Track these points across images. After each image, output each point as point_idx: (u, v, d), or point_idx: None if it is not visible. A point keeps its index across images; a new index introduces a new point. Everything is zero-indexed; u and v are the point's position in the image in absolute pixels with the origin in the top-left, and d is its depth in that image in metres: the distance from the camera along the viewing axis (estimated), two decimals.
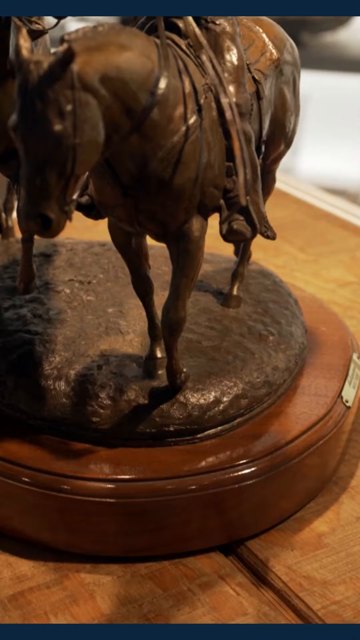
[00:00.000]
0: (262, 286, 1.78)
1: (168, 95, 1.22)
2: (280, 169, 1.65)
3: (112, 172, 1.26)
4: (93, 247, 1.90)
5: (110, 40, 1.15)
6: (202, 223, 1.33)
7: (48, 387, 1.47)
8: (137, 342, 1.57)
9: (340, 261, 2.24)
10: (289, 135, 1.55)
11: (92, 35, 1.14)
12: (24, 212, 1.12)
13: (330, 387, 1.59)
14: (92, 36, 1.14)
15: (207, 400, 1.45)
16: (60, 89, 1.06)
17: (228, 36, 1.34)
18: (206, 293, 1.72)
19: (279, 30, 1.50)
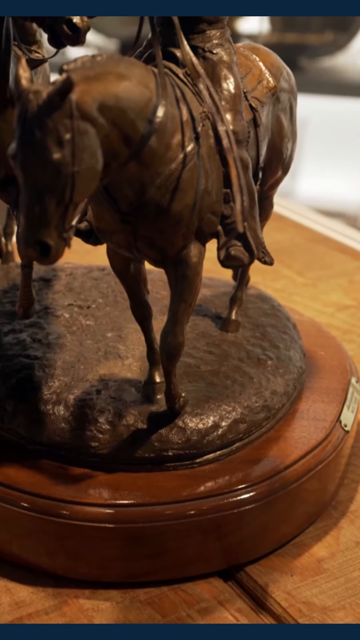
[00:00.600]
0: (261, 310, 1.79)
1: (166, 123, 1.23)
2: (280, 193, 1.66)
3: (110, 199, 1.27)
4: (92, 271, 1.91)
5: (109, 69, 1.17)
6: (200, 249, 1.34)
7: (47, 412, 1.47)
8: (136, 366, 1.57)
9: (339, 285, 2.24)
10: (286, 161, 1.57)
11: (91, 65, 1.15)
12: (23, 239, 1.13)
13: (329, 412, 1.60)
14: (90, 66, 1.15)
15: (206, 424, 1.46)
16: (59, 118, 1.08)
17: (225, 65, 1.36)
18: (205, 317, 1.73)
19: (275, 59, 1.52)
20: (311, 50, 3.90)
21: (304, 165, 4.05)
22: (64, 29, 1.27)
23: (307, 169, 4.06)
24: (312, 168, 4.07)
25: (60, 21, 1.27)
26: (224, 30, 1.38)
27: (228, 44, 1.38)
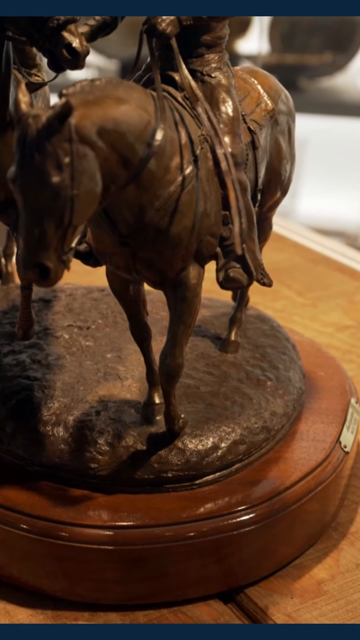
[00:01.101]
0: (260, 331, 1.79)
1: (164, 146, 1.24)
2: (280, 213, 1.67)
3: (109, 221, 1.28)
4: (92, 292, 1.92)
5: (108, 93, 1.18)
6: (199, 271, 1.34)
7: (47, 433, 1.47)
8: (135, 387, 1.57)
9: (339, 305, 2.25)
10: (284, 183, 1.58)
11: (90, 89, 1.16)
12: (23, 262, 1.13)
13: (329, 432, 1.60)
14: (89, 90, 1.16)
15: (205, 446, 1.46)
16: (58, 142, 1.08)
17: (223, 88, 1.37)
18: (204, 338, 1.74)
19: (273, 82, 1.53)
20: (310, 71, 3.92)
21: (303, 185, 4.06)
22: (64, 53, 1.28)
23: (307, 188, 4.08)
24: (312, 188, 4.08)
25: (60, 45, 1.28)
26: (222, 54, 1.39)
27: (226, 67, 1.39)
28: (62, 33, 1.27)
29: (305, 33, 3.93)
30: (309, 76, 3.91)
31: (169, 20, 1.29)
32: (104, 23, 1.38)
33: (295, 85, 3.86)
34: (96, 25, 1.37)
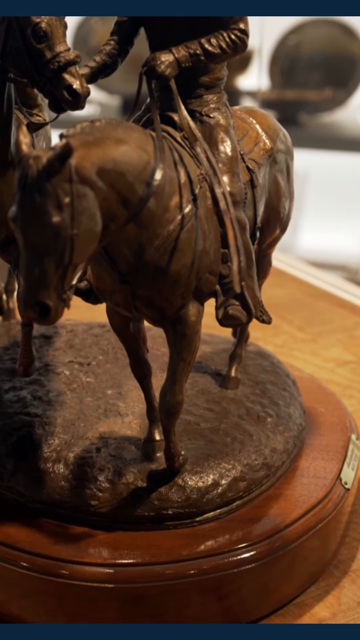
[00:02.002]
0: (260, 367, 1.79)
1: (164, 185, 1.25)
2: (280, 248, 1.68)
3: (109, 260, 1.29)
4: (93, 328, 1.92)
5: (107, 134, 1.19)
6: (199, 308, 1.35)
7: (47, 470, 1.47)
8: (135, 424, 1.57)
9: (339, 340, 2.26)
10: (284, 221, 1.59)
11: (90, 131, 1.18)
12: (23, 300, 1.14)
13: (329, 469, 1.59)
14: (89, 131, 1.18)
15: (206, 483, 1.46)
16: (59, 182, 1.10)
17: (222, 129, 1.38)
18: (205, 374, 1.74)
19: (272, 121, 1.55)
20: (311, 107, 3.96)
21: (305, 219, 4.08)
22: (64, 95, 1.30)
23: (308, 222, 4.10)
24: (313, 222, 4.11)
25: (60, 87, 1.30)
26: (220, 95, 1.41)
27: (225, 108, 1.41)
28: (63, 75, 1.29)
29: (305, 69, 3.98)
30: (309, 112, 3.95)
31: (168, 62, 1.31)
32: (104, 65, 1.40)
33: (296, 121, 3.90)
34: (96, 66, 1.39)
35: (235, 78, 3.85)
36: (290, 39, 3.96)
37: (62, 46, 1.31)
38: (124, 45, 1.41)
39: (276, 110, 3.91)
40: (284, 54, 3.98)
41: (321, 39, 3.92)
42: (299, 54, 3.98)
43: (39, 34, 1.29)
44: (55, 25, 1.30)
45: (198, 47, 1.32)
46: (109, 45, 1.41)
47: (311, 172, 4.06)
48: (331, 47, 3.91)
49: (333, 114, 3.93)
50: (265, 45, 3.88)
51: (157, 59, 1.30)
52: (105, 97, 3.95)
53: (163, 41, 1.34)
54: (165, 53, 1.31)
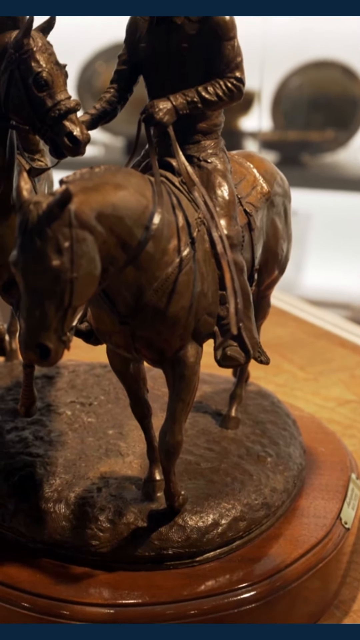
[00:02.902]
0: (261, 407, 1.81)
1: (162, 229, 1.28)
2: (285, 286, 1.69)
3: (109, 302, 1.31)
4: (95, 368, 1.94)
5: (106, 180, 1.22)
6: (197, 349, 1.37)
7: (48, 510, 1.48)
8: (136, 464, 1.58)
9: (340, 379, 2.27)
10: (282, 262, 1.61)
11: (89, 177, 1.21)
12: (24, 342, 1.16)
13: (329, 509, 1.60)
14: (89, 177, 1.20)
15: (206, 523, 1.46)
16: (58, 227, 1.12)
17: (219, 173, 1.41)
18: (205, 414, 1.75)
19: (269, 165, 1.57)
20: (313, 147, 3.99)
21: (308, 258, 4.11)
22: (65, 141, 1.33)
23: (312, 261, 4.13)
24: (316, 261, 4.13)
25: (61, 134, 1.33)
26: (218, 140, 1.44)
27: (222, 153, 1.44)
28: (64, 122, 1.32)
29: (307, 111, 4.02)
30: (312, 152, 3.98)
31: (166, 109, 1.34)
32: (104, 112, 1.43)
33: (299, 161, 3.93)
34: (97, 114, 1.43)
35: (238, 119, 3.89)
36: (292, 81, 4.01)
37: (62, 94, 1.34)
38: (124, 92, 1.44)
39: (279, 151, 3.95)
40: (286, 95, 4.03)
41: (323, 81, 3.96)
42: (301, 96, 4.02)
43: (40, 83, 1.32)
44: (56, 74, 1.34)
45: (195, 94, 1.36)
46: (109, 92, 1.44)
47: (314, 212, 4.09)
48: (333, 89, 3.96)
49: (335, 155, 3.97)
50: (268, 87, 3.93)
51: (156, 107, 1.33)
52: (109, 138, 4.00)
53: (161, 89, 1.38)
54: (163, 101, 1.34)
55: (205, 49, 1.36)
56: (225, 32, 1.35)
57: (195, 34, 1.36)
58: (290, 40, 3.82)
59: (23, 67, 1.33)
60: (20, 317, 1.19)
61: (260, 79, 3.56)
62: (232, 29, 1.36)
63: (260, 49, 3.43)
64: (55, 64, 1.34)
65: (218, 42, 1.36)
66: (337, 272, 4.08)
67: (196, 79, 1.37)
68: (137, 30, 1.41)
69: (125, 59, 1.44)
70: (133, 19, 1.42)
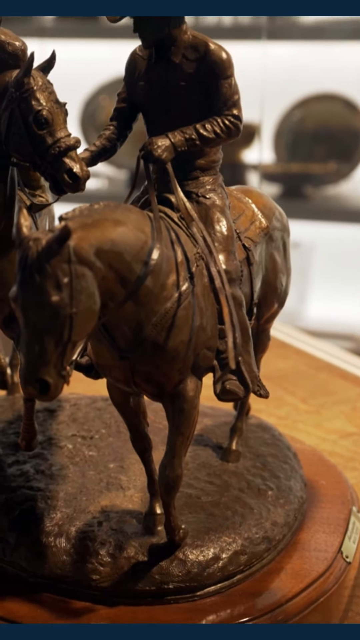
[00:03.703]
0: (261, 440, 1.81)
1: (161, 264, 1.29)
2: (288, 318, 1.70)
3: (108, 336, 1.32)
4: (96, 402, 1.95)
5: (105, 216, 1.23)
6: (197, 383, 1.38)
7: (49, 545, 1.48)
8: (137, 497, 1.58)
9: (342, 412, 2.27)
10: (281, 296, 1.62)
11: (89, 213, 1.22)
12: (24, 377, 1.17)
13: (330, 542, 1.59)
14: (88, 214, 1.22)
15: (206, 557, 1.46)
16: (58, 263, 1.13)
17: (218, 209, 1.43)
18: (206, 447, 1.75)
19: (267, 200, 1.59)
20: (315, 179, 4.01)
21: (311, 289, 4.13)
22: (65, 178, 1.34)
23: (315, 293, 4.14)
24: (320, 292, 4.15)
25: (61, 171, 1.34)
26: (216, 176, 1.45)
27: (220, 189, 1.45)
28: (64, 159, 1.34)
29: (309, 143, 4.05)
30: (314, 184, 4.01)
31: (164, 146, 1.35)
32: (104, 149, 1.45)
33: (301, 193, 3.95)
34: (96, 150, 1.45)
35: (241, 152, 3.92)
36: (295, 114, 4.04)
37: (62, 132, 1.36)
38: (123, 130, 1.47)
39: (281, 183, 3.97)
40: (289, 128, 4.06)
41: (325, 114, 4.00)
42: (303, 129, 4.06)
43: (40, 121, 1.34)
44: (56, 112, 1.36)
45: (193, 132, 1.37)
46: (109, 130, 1.46)
47: (317, 244, 4.11)
48: (335, 122, 3.99)
49: (338, 187, 3.99)
50: (270, 120, 3.96)
51: (154, 144, 1.35)
52: (112, 170, 4.03)
53: (160, 126, 1.40)
54: (162, 138, 1.36)
55: (203, 87, 1.38)
56: (222, 70, 1.37)
57: (193, 72, 1.38)
58: (291, 74, 3.86)
59: (24, 105, 1.35)
60: (20, 351, 1.20)
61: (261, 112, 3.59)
62: (230, 67, 1.38)
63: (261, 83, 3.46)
64: (55, 103, 1.36)
65: (215, 80, 1.38)
66: (340, 303, 4.09)
67: (194, 116, 1.39)
68: (136, 69, 1.43)
69: (124, 96, 1.46)
70: (132, 58, 1.44)
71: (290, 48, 3.91)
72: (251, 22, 3.77)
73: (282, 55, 3.77)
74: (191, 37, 1.39)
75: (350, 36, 3.66)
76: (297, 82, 3.93)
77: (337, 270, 4.14)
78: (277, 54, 3.66)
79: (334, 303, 4.13)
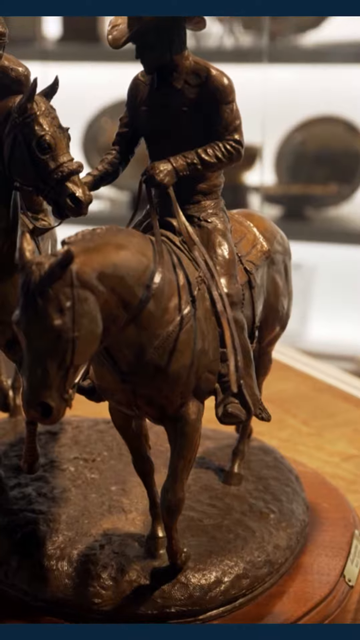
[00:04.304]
0: (263, 463, 1.80)
1: (163, 288, 1.29)
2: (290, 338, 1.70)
3: (110, 360, 1.32)
4: (98, 424, 1.95)
5: (108, 240, 1.24)
6: (199, 406, 1.38)
7: (51, 568, 1.48)
8: (139, 520, 1.58)
9: (344, 434, 2.27)
10: (283, 319, 1.63)
11: (91, 237, 1.23)
12: (26, 400, 1.18)
13: (333, 566, 1.59)
14: (90, 238, 1.23)
15: (208, 580, 1.45)
16: (60, 287, 1.14)
17: (219, 233, 1.43)
18: (208, 470, 1.75)
19: (269, 224, 1.60)
20: (317, 201, 4.03)
21: (313, 311, 4.13)
22: (67, 202, 1.35)
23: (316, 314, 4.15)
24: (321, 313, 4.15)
25: (64, 195, 1.35)
26: (218, 201, 1.46)
27: (222, 212, 1.46)
28: (66, 184, 1.35)
29: (310, 165, 4.07)
30: (316, 206, 4.02)
31: (166, 171, 1.36)
32: (106, 173, 1.46)
33: (302, 215, 3.97)
34: (99, 175, 1.45)
35: (242, 174, 3.94)
36: (296, 136, 4.06)
37: (65, 157, 1.37)
38: (125, 154, 1.47)
39: (283, 205, 3.99)
40: (290, 150, 4.08)
41: (326, 136, 4.02)
42: (305, 151, 4.08)
43: (43, 146, 1.35)
44: (59, 137, 1.37)
45: (195, 157, 1.38)
46: (111, 154, 1.47)
47: (318, 265, 4.13)
48: (335, 144, 4.01)
49: (339, 209, 4.01)
50: (272, 143, 3.98)
51: (156, 168, 1.36)
52: (115, 192, 4.05)
53: (162, 151, 1.40)
54: (164, 162, 1.37)
55: (204, 113, 1.39)
56: (224, 96, 1.38)
57: (194, 97, 1.39)
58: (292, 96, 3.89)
59: (26, 130, 1.36)
60: (22, 375, 1.20)
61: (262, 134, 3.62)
62: (231, 93, 1.39)
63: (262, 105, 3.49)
64: (58, 128, 1.37)
65: (217, 105, 1.39)
66: (341, 324, 4.09)
67: (196, 141, 1.40)
68: (138, 94, 1.44)
69: (126, 121, 1.47)
70: (134, 83, 1.45)
71: (291, 71, 3.94)
72: (252, 46, 3.80)
73: (283, 78, 3.80)
74: (193, 63, 1.40)
75: (351, 59, 3.69)
76: (298, 105, 3.96)
77: (338, 292, 4.15)
78: (278, 77, 3.69)
79: (336, 324, 4.14)
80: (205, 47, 3.74)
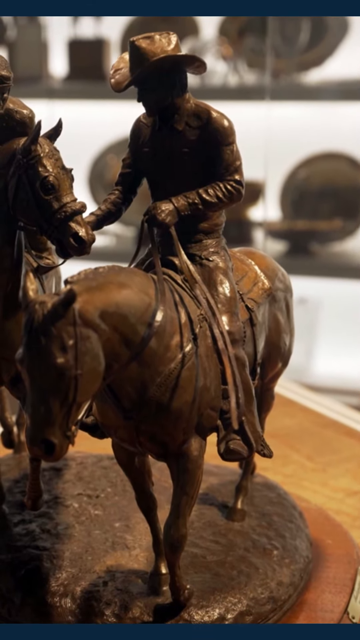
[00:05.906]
0: (267, 499, 1.81)
1: (165, 325, 1.31)
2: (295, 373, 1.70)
3: (113, 397, 1.34)
4: (102, 460, 1.95)
5: (110, 279, 1.26)
6: (201, 443, 1.39)
7: (54, 605, 1.48)
8: (142, 557, 1.59)
9: (348, 470, 2.27)
10: (285, 355, 1.64)
11: (93, 276, 1.25)
12: (29, 437, 1.19)
13: (336, 603, 1.58)
14: (93, 277, 1.25)
15: (212, 617, 1.45)
16: (63, 325, 1.16)
17: (221, 271, 1.45)
18: (211, 506, 1.75)
19: (270, 262, 1.61)
20: (321, 237, 4.05)
21: (319, 345, 4.14)
22: (71, 241, 1.37)
23: (322, 349, 4.16)
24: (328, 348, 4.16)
25: (67, 234, 1.37)
26: (219, 239, 1.48)
27: (223, 251, 1.48)
28: (69, 223, 1.37)
29: (315, 200, 4.10)
30: (320, 241, 4.04)
31: (168, 210, 1.38)
32: (109, 213, 1.48)
33: (307, 250, 3.99)
34: (102, 214, 1.48)
35: (247, 209, 3.97)
36: (300, 172, 4.10)
37: (68, 197, 1.39)
38: (128, 194, 1.50)
39: (288, 240, 4.01)
40: (294, 186, 4.11)
41: (329, 172, 4.05)
42: (309, 186, 4.11)
43: (47, 187, 1.38)
44: (62, 178, 1.39)
45: (196, 197, 1.40)
46: (114, 194, 1.50)
47: (323, 300, 4.14)
48: (339, 180, 4.04)
49: (343, 244, 4.03)
50: (276, 179, 4.01)
51: (158, 208, 1.38)
52: (120, 228, 4.08)
53: (163, 191, 1.43)
54: (165, 202, 1.39)
55: (205, 154, 1.42)
56: (224, 137, 1.41)
57: (195, 139, 1.42)
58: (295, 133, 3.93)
59: (31, 172, 1.38)
60: (26, 412, 1.22)
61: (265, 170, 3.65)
62: (231, 134, 1.42)
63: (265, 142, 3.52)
64: (62, 169, 1.40)
65: (217, 147, 1.41)
66: (347, 359, 4.10)
67: (197, 181, 1.42)
68: (140, 136, 1.47)
69: (129, 162, 1.50)
70: (136, 126, 1.48)
71: (294, 108, 3.98)
72: (256, 83, 3.85)
73: (286, 115, 3.84)
74: (194, 105, 1.43)
75: (352, 96, 3.73)
76: (301, 141, 4.00)
77: (343, 326, 4.17)
78: (281, 114, 3.73)
79: (341, 359, 4.15)
80: (210, 84, 3.79)
